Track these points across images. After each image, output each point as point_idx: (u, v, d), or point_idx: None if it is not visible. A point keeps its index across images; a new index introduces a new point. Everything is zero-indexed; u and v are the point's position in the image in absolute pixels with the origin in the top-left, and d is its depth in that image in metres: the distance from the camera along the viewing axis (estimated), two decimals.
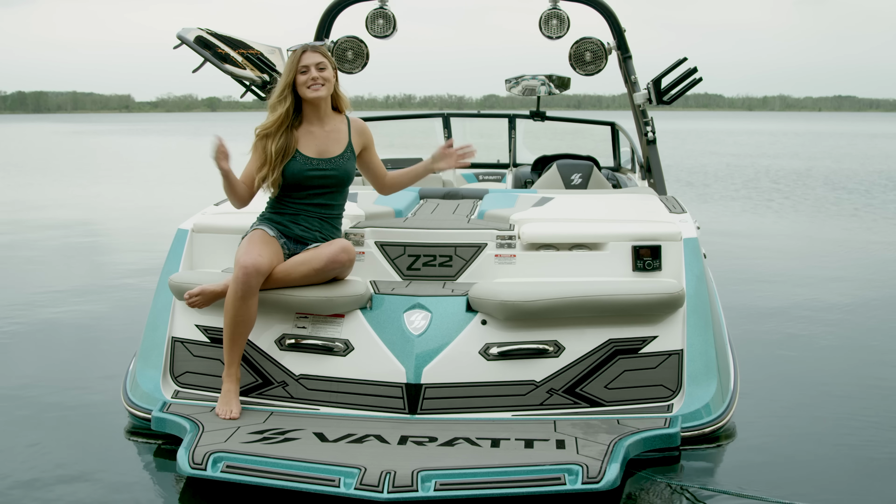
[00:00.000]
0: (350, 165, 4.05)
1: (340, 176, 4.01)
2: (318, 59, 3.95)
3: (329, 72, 3.98)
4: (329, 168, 3.98)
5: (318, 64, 3.94)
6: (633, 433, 3.47)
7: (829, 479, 3.50)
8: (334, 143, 4.03)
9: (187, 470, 3.21)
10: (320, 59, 3.95)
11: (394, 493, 3.02)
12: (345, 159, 4.03)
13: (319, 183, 3.98)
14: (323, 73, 3.95)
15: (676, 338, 3.86)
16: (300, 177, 3.95)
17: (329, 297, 3.80)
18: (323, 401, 3.77)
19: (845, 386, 4.62)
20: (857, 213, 12.35)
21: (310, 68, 3.93)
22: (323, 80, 3.94)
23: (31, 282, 7.42)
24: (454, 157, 4.18)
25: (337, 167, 4.00)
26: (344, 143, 4.06)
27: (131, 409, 3.92)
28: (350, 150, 4.07)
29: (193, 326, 4.00)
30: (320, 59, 3.95)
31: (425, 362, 3.73)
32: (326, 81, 3.96)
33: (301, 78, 3.94)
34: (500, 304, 3.73)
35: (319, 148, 4.00)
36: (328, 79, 3.97)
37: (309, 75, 3.93)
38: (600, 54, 5.93)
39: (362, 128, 4.17)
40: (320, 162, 3.97)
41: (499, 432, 3.49)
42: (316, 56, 3.95)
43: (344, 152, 4.04)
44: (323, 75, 3.95)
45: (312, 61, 3.94)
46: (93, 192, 15.90)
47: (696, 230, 4.33)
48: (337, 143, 4.04)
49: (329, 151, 4.01)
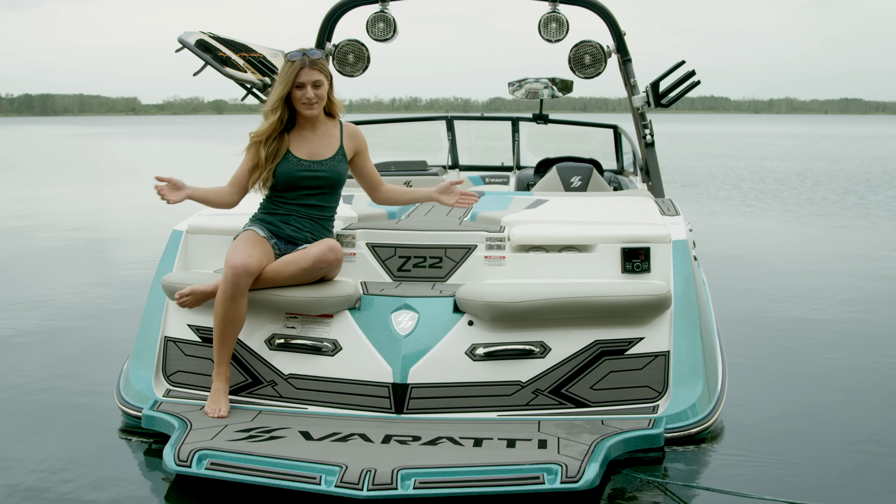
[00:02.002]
0: (341, 168, 4.10)
1: (331, 178, 4.06)
2: (315, 77, 3.94)
3: (324, 88, 3.99)
4: (320, 170, 4.03)
5: (314, 82, 3.95)
6: (615, 434, 3.49)
7: (819, 481, 3.50)
8: (325, 147, 4.08)
9: (172, 467, 3.26)
10: (318, 76, 3.95)
11: (373, 491, 3.06)
12: (336, 162, 4.08)
13: (310, 184, 4.03)
14: (318, 90, 3.97)
15: (663, 339, 3.88)
16: (291, 177, 4.00)
17: (317, 298, 3.85)
18: (311, 400, 3.81)
19: (845, 389, 4.61)
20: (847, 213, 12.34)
21: (306, 86, 3.94)
22: (318, 97, 3.98)
23: (38, 282, 7.51)
24: (456, 196, 4.24)
25: (328, 169, 4.04)
26: (335, 147, 4.10)
27: (124, 407, 3.98)
28: (341, 154, 4.12)
29: (186, 326, 4.06)
30: (317, 77, 3.95)
31: (412, 362, 3.77)
32: (321, 99, 4.00)
33: (297, 93, 3.96)
34: (486, 305, 3.77)
35: (311, 150, 4.05)
36: (322, 97, 4.00)
37: (304, 93, 3.95)
38: (599, 57, 5.95)
39: (354, 132, 4.21)
40: (311, 164, 4.02)
41: (482, 432, 3.52)
42: (313, 73, 3.94)
43: (335, 155, 4.09)
44: (318, 93, 3.97)
45: (309, 79, 3.94)
46: (100, 193, 16.03)
47: (686, 232, 4.35)
48: (328, 147, 4.08)
49: (320, 154, 4.05)
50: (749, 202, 14.28)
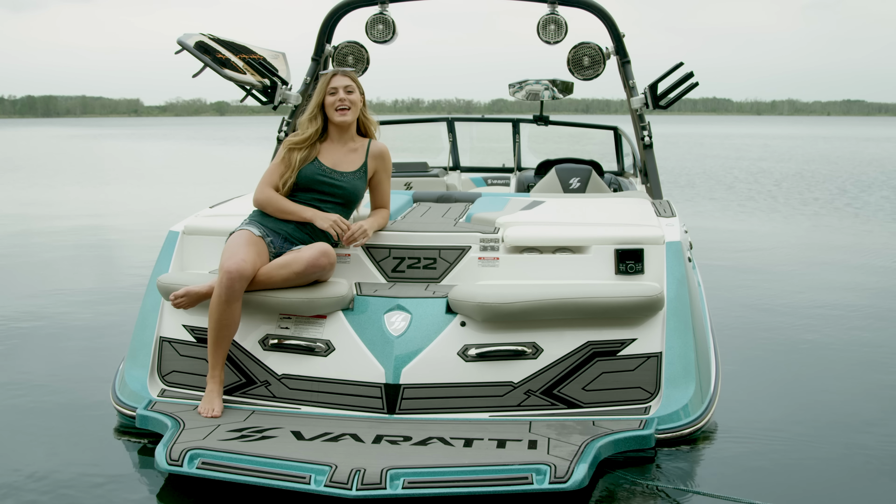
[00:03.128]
0: (359, 184, 4.24)
1: (348, 190, 4.19)
2: (346, 83, 4.21)
3: (356, 95, 4.23)
4: (340, 180, 4.18)
5: (346, 87, 4.21)
6: (606, 434, 3.50)
7: (811, 484, 3.50)
8: (350, 162, 4.24)
9: (164, 466, 3.28)
10: (349, 82, 4.22)
11: (362, 491, 3.07)
12: (356, 177, 4.23)
13: (326, 190, 4.15)
14: (350, 95, 4.21)
15: (655, 340, 3.89)
16: (310, 179, 4.14)
17: (311, 299, 3.87)
18: (304, 400, 3.83)
19: (838, 391, 4.62)
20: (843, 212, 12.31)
21: (338, 90, 4.19)
22: (350, 102, 4.19)
23: (42, 283, 7.55)
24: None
25: (346, 182, 4.19)
26: (359, 163, 4.26)
27: (119, 407, 4.00)
28: (363, 171, 4.26)
29: (181, 326, 4.08)
30: (349, 83, 4.21)
31: (404, 363, 3.78)
32: (353, 105, 4.21)
33: (329, 99, 4.20)
34: (478, 306, 3.78)
35: (336, 160, 4.22)
36: (355, 102, 4.22)
37: (337, 97, 4.19)
38: (598, 59, 5.95)
39: (381, 153, 4.34)
40: (333, 172, 4.18)
41: (473, 432, 3.54)
42: (345, 79, 4.21)
43: (357, 171, 4.24)
44: (350, 98, 4.20)
45: (341, 84, 4.20)
46: (103, 195, 16.08)
47: (681, 234, 4.35)
48: (353, 163, 4.25)
49: (343, 165, 4.22)
50: (742, 202, 14.28)
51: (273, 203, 4.09)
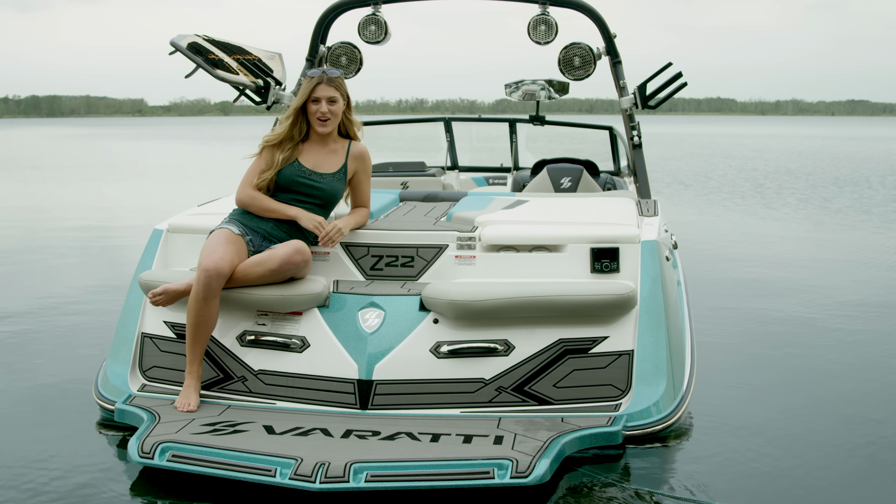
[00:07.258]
0: (338, 186, 4.28)
1: (327, 191, 4.23)
2: (330, 94, 4.19)
3: (339, 105, 4.23)
4: (319, 181, 4.22)
5: (329, 98, 4.19)
6: (572, 430, 3.54)
7: (776, 484, 3.52)
8: (330, 163, 4.28)
9: (136, 458, 3.35)
10: (333, 93, 4.19)
11: (325, 484, 3.13)
12: (335, 179, 4.27)
13: (305, 191, 4.20)
14: (332, 107, 4.20)
15: (627, 338, 3.92)
16: (289, 180, 4.18)
17: (286, 296, 3.93)
18: (279, 395, 3.89)
19: (813, 393, 4.62)
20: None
21: (321, 101, 4.18)
22: (331, 114, 4.20)
23: (49, 283, 7.64)
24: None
25: (325, 183, 4.23)
26: (339, 164, 4.30)
27: (100, 401, 4.08)
28: (343, 172, 4.30)
29: (161, 322, 4.16)
30: (333, 94, 4.19)
31: (377, 359, 3.84)
32: (334, 116, 4.21)
33: (312, 107, 4.21)
34: (450, 304, 3.83)
35: (316, 161, 4.25)
36: (336, 113, 4.22)
37: (319, 108, 4.19)
38: (589, 59, 5.97)
39: (360, 154, 4.37)
40: (311, 173, 4.22)
41: (442, 428, 3.58)
42: (329, 90, 4.19)
43: (336, 172, 4.28)
44: (332, 109, 4.20)
45: (325, 94, 4.18)
46: (108, 194, 16.20)
47: (659, 233, 4.38)
48: (333, 163, 4.28)
49: (323, 167, 4.26)
50: (735, 200, 14.25)
51: (257, 202, 4.16)
